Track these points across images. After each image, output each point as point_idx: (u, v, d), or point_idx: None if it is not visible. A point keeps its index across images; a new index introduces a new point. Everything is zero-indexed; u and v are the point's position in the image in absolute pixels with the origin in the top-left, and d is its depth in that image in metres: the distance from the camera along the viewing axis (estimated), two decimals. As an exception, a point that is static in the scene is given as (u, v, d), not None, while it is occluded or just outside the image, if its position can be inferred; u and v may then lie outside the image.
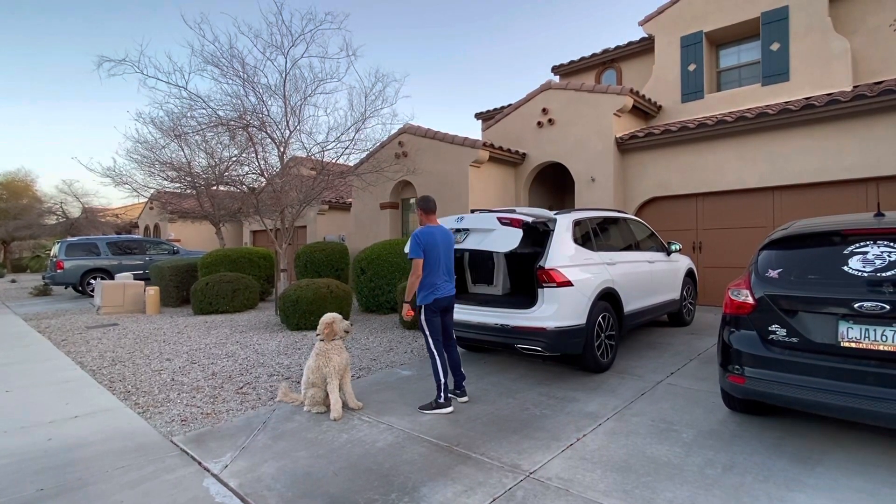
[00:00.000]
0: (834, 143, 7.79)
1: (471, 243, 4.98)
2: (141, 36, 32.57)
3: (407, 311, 4.19)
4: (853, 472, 2.82)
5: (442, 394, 4.08)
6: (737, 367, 3.30)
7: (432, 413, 4.02)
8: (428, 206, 4.31)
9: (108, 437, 3.64)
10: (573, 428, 3.59)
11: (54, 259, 14.00)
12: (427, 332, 4.20)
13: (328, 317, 4.19)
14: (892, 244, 2.93)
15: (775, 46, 9.40)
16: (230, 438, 3.59)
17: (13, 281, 21.51)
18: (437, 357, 4.15)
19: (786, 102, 8.81)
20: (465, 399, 4.30)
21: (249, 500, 2.73)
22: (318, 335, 4.15)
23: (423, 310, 4.18)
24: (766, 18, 9.48)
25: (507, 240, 4.66)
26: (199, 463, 3.20)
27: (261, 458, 3.24)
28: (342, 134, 9.87)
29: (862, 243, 3.05)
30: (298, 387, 4.35)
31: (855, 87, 8.56)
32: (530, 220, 4.82)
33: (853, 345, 2.90)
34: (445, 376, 4.12)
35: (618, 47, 12.14)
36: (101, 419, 4.03)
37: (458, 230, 5.03)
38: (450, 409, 4.06)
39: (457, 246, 4.86)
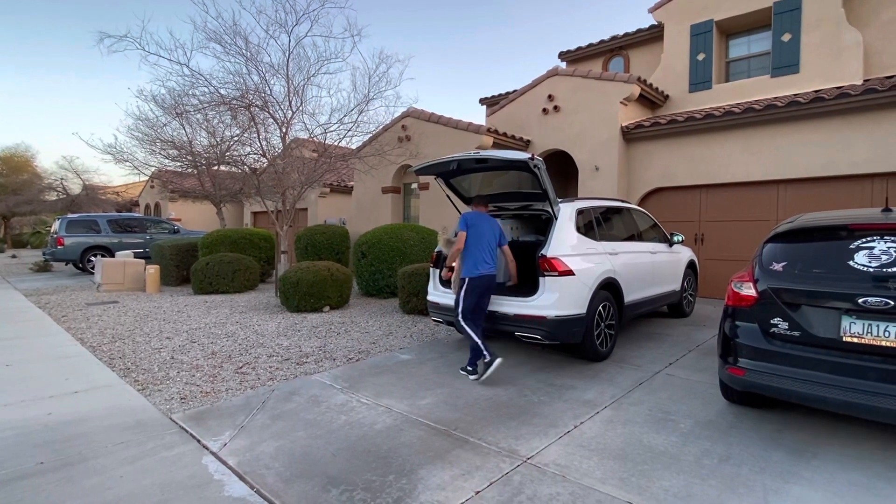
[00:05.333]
0: (842, 138, 7.71)
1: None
2: (143, 11, 32.09)
3: (446, 272, 4.54)
4: (850, 466, 2.83)
5: (485, 351, 4.29)
6: (737, 358, 3.30)
7: (489, 374, 4.25)
8: (477, 202, 4.97)
9: (107, 413, 3.66)
10: (571, 415, 3.61)
11: (55, 235, 13.98)
12: (461, 304, 4.45)
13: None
14: (899, 240, 2.91)
15: (786, 37, 9.25)
16: (229, 417, 3.61)
17: (13, 256, 21.53)
18: (467, 325, 4.41)
19: (795, 95, 8.71)
20: (475, 377, 4.41)
21: (248, 478, 2.75)
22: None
23: (466, 282, 4.46)
24: (778, 8, 9.31)
25: (516, 155, 4.63)
26: (198, 441, 3.22)
27: (259, 438, 3.26)
28: (345, 116, 9.79)
29: (869, 238, 3.02)
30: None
31: (866, 80, 8.45)
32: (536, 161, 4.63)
33: (855, 340, 2.89)
34: (482, 337, 4.38)
35: (626, 34, 11.97)
36: (100, 395, 4.05)
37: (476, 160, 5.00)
38: (500, 360, 4.29)
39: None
